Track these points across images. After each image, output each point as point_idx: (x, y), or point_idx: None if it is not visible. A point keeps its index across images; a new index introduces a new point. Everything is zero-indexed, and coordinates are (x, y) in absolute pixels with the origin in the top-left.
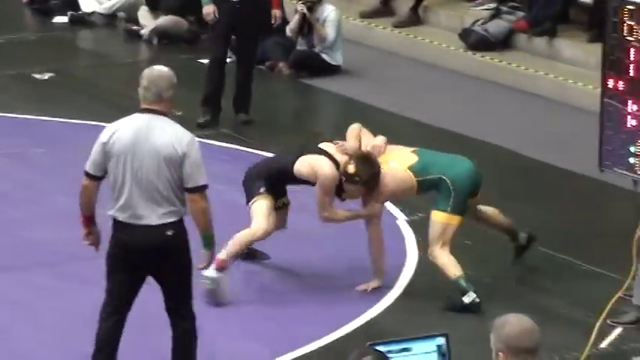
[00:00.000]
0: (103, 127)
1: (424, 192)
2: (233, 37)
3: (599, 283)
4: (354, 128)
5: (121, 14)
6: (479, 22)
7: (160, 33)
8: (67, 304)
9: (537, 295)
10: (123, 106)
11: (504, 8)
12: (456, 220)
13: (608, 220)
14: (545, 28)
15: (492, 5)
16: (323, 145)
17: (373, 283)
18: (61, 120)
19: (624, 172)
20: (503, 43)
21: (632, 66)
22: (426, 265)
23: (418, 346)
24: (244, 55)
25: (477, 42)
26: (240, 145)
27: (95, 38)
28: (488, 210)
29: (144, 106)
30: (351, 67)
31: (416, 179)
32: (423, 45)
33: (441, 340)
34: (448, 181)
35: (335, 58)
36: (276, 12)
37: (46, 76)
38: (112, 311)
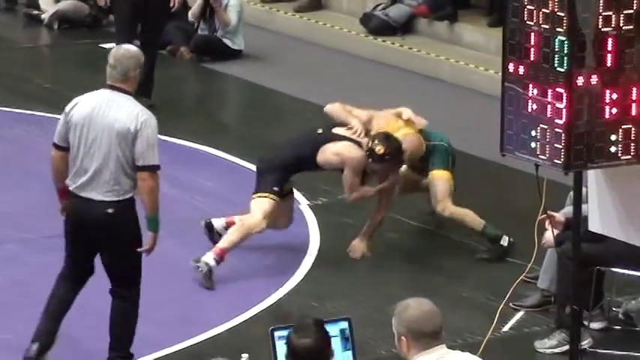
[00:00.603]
0: (5, 111)
1: (425, 158)
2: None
3: (502, 266)
4: (339, 107)
5: None
6: (380, 7)
7: (61, 17)
8: None
9: (440, 278)
10: (23, 90)
11: None
12: (452, 178)
13: (511, 205)
14: (445, 13)
15: None
16: (336, 131)
17: (365, 248)
18: None
19: (526, 156)
20: (404, 28)
21: (532, 50)
22: (329, 251)
23: None
24: (148, 40)
25: (377, 27)
26: None
27: None
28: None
29: (109, 82)
30: (252, 52)
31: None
32: (325, 30)
33: (344, 324)
34: (446, 145)
35: (237, 43)
36: None
37: None
38: (63, 280)
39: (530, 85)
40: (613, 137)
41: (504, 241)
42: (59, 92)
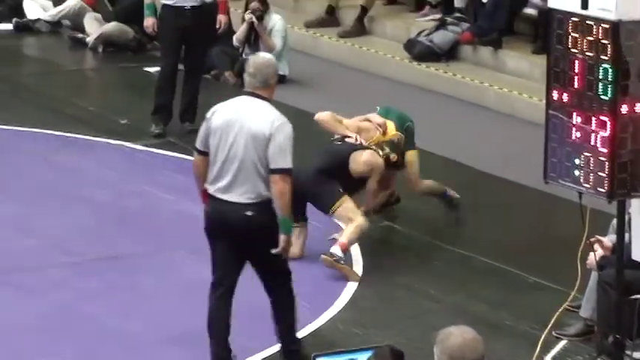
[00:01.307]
0: (49, 134)
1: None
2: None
3: (545, 295)
4: (330, 117)
5: (66, 22)
6: (424, 33)
7: (106, 41)
8: (14, 315)
9: (482, 306)
10: (68, 113)
11: (449, 19)
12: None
13: (554, 232)
14: (490, 40)
15: (437, 16)
16: (350, 141)
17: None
18: (5, 127)
19: (569, 184)
20: (448, 54)
21: (576, 78)
22: (371, 277)
23: (363, 357)
24: (193, 64)
25: (422, 53)
26: (188, 155)
27: (40, 45)
28: None
29: (248, 89)
30: (296, 77)
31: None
32: (369, 55)
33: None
34: (411, 123)
35: (281, 68)
36: (222, 17)
37: None
38: (214, 287)
39: (575, 113)
40: None
41: (457, 198)
42: (104, 116)
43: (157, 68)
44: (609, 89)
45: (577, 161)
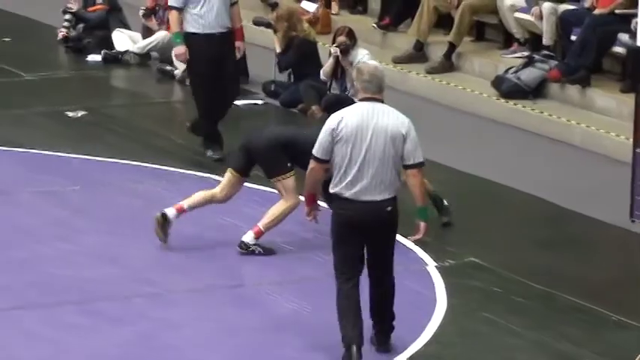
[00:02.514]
0: (136, 166)
1: None
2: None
3: (629, 333)
4: None
5: (155, 54)
6: (512, 70)
7: None
8: (95, 343)
9: (565, 344)
10: (156, 145)
11: (537, 56)
12: None
13: (638, 271)
14: (578, 77)
15: (525, 53)
16: None
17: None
18: (94, 158)
19: None
20: (535, 92)
21: None
22: (456, 314)
23: None
24: (227, 93)
25: (509, 90)
26: (272, 188)
27: (129, 77)
28: None
29: (367, 95)
30: None
31: None
32: (456, 91)
33: None
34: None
35: None
36: (239, 44)
37: (80, 114)
38: (346, 279)
39: None
40: None
41: (447, 203)
42: (192, 149)
43: (246, 102)
44: None
45: None
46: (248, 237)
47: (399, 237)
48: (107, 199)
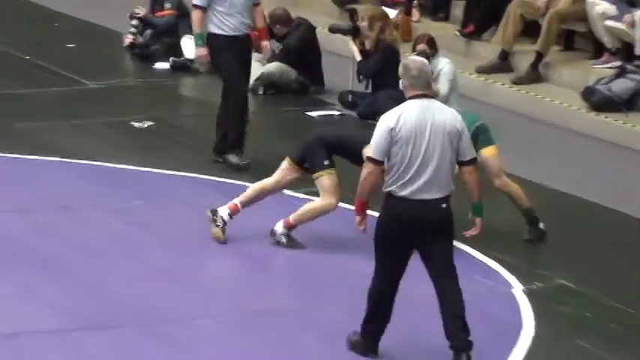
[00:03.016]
0: (204, 179)
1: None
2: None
3: None
4: None
5: None
6: (603, 81)
7: (267, 82)
8: None
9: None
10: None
11: (630, 67)
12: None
13: None
14: None
15: (617, 63)
16: None
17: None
18: (160, 171)
19: None
20: (628, 104)
21: None
22: (544, 340)
23: None
24: (246, 92)
25: (600, 101)
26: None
27: (198, 86)
28: None
29: (417, 92)
30: None
31: None
32: (544, 103)
33: None
34: (481, 122)
35: None
36: (265, 44)
37: (146, 124)
38: (388, 279)
39: None
40: None
41: (542, 224)
42: (262, 162)
43: (322, 112)
44: None
45: None
46: (279, 226)
47: (480, 256)
48: (173, 214)
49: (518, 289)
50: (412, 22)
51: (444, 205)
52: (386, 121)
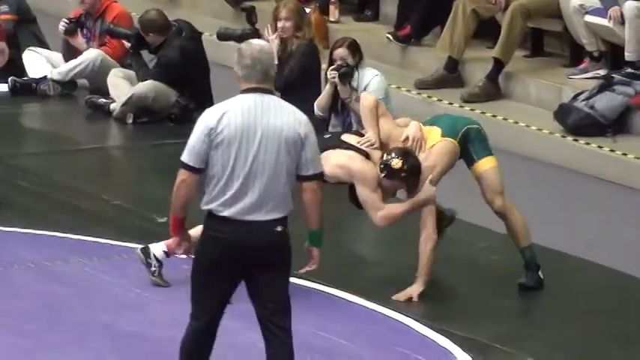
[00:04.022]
0: (65, 239)
1: (462, 153)
2: None
3: None
4: (368, 109)
5: (83, 81)
6: (582, 96)
7: (137, 107)
8: None
9: None
10: (85, 210)
11: (617, 77)
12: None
13: None
14: None
15: (601, 72)
16: (345, 138)
17: (413, 289)
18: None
19: None
20: (616, 125)
21: None
22: None
23: None
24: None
25: (579, 123)
26: None
27: (47, 114)
28: None
29: (251, 85)
30: None
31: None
32: (505, 126)
33: None
34: (475, 126)
35: None
36: None
37: None
38: (205, 322)
39: None
40: None
41: (541, 273)
42: (134, 212)
43: None
44: None
45: None
46: (157, 248)
47: (423, 328)
48: (17, 286)
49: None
50: (329, 23)
51: (279, 228)
52: (205, 119)
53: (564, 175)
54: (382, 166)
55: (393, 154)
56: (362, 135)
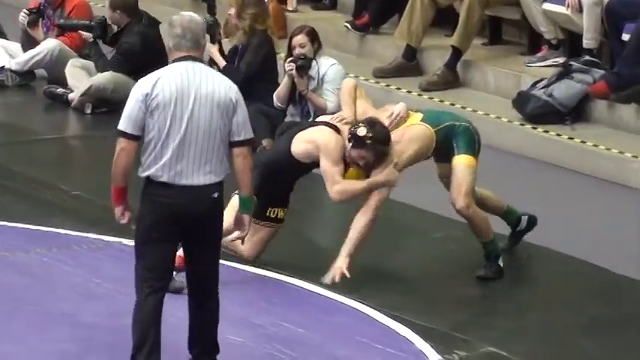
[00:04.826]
0: (24, 229)
1: (439, 146)
2: None
3: None
4: (347, 90)
5: (41, 72)
6: (541, 84)
7: (96, 97)
8: None
9: None
10: (43, 200)
11: (576, 64)
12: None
13: None
14: (633, 93)
15: (560, 60)
16: (318, 119)
17: (339, 265)
18: None
19: None
20: (574, 113)
21: None
22: None
23: None
24: None
25: (538, 111)
26: None
27: (5, 105)
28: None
29: (182, 54)
30: None
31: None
32: (464, 114)
33: None
34: (464, 124)
35: None
36: None
37: None
38: (154, 290)
39: None
40: None
41: (502, 261)
42: (93, 202)
43: None
44: None
45: None
46: None
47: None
48: None
49: (434, 359)
50: (287, 12)
51: (215, 194)
52: (140, 86)
53: (523, 163)
54: (349, 135)
55: (360, 124)
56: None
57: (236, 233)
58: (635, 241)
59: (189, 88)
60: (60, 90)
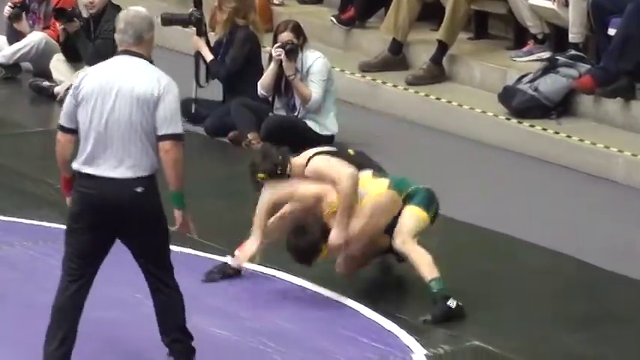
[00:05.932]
0: (10, 222)
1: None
2: None
3: None
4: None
5: (27, 64)
6: (527, 79)
7: None
8: None
9: None
10: (29, 193)
11: (562, 59)
12: (428, 224)
13: None
14: (619, 87)
15: (545, 55)
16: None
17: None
18: None
19: None
20: (560, 108)
21: None
22: None
23: None
24: None
25: (523, 105)
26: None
27: None
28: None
29: (122, 48)
30: (349, 139)
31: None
32: (449, 109)
33: None
34: (428, 188)
35: (326, 126)
36: None
37: None
38: (72, 280)
39: None
40: None
41: (452, 302)
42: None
43: None
44: None
45: None
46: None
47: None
48: None
49: (420, 354)
50: (273, 6)
51: (139, 189)
52: (75, 80)
53: (508, 157)
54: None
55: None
56: (334, 152)
57: (177, 227)
58: (620, 235)
59: (113, 82)
60: (46, 83)
